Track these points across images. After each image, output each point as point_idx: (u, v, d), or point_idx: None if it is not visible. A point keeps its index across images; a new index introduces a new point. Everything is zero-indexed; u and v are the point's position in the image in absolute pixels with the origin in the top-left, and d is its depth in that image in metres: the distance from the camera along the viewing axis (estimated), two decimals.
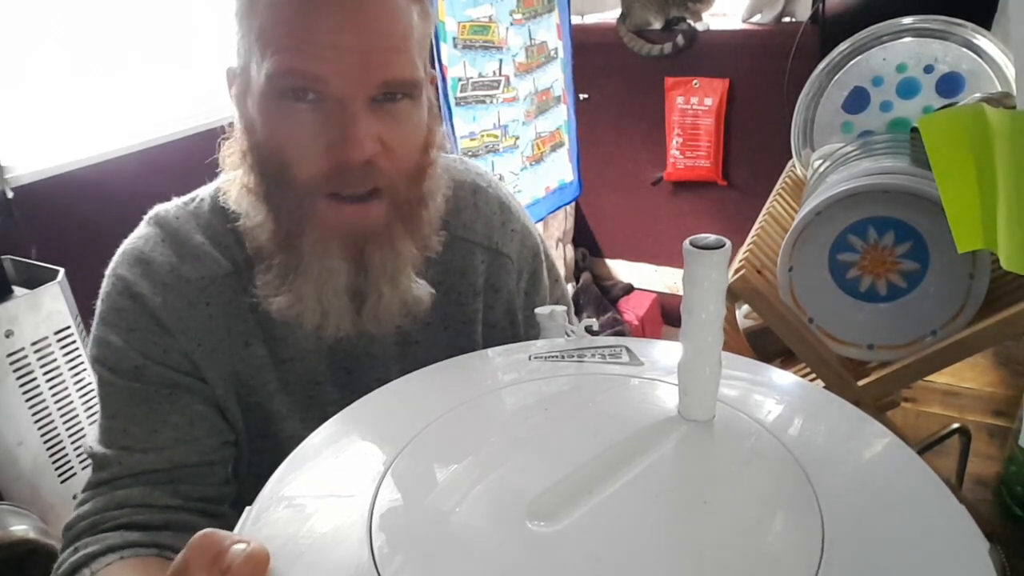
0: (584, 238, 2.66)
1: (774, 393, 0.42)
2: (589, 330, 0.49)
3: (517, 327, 0.71)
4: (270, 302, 0.56)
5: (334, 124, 0.52)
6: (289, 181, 0.54)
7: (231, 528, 0.57)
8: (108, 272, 0.60)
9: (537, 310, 0.53)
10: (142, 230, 0.61)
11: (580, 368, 0.45)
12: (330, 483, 0.37)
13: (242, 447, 0.63)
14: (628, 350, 0.46)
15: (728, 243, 0.35)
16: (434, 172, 0.60)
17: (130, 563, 0.52)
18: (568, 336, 0.50)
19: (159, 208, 0.62)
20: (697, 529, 0.31)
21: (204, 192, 0.63)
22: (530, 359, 0.47)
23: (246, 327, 0.60)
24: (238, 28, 0.54)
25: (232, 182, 0.59)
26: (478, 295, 0.67)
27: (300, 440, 0.62)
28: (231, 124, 0.60)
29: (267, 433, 0.62)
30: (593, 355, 0.46)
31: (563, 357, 0.46)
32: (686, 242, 0.35)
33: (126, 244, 0.61)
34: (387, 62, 0.52)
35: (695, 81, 2.22)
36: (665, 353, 0.46)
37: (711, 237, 0.35)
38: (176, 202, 0.63)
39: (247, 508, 0.35)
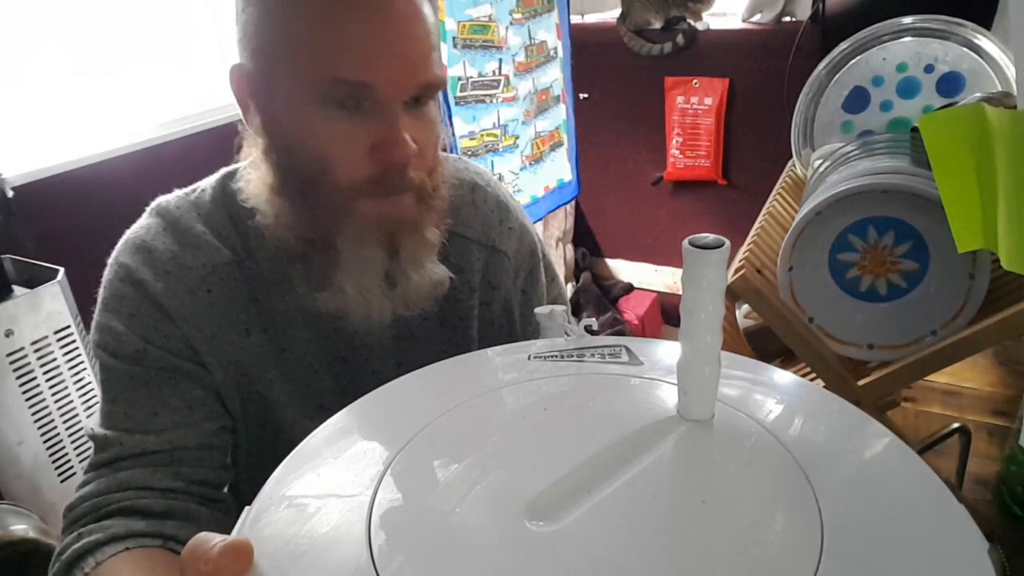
0: (584, 238, 2.66)
1: (774, 393, 0.42)
2: (589, 330, 0.49)
3: (514, 324, 0.72)
4: (315, 298, 0.58)
5: (378, 128, 0.53)
6: (327, 183, 0.54)
7: (231, 512, 0.57)
8: (110, 260, 0.61)
9: (537, 310, 0.54)
10: (144, 220, 0.62)
11: (580, 368, 0.45)
12: (329, 483, 0.37)
13: (241, 436, 0.64)
14: (628, 350, 0.46)
15: (727, 242, 0.35)
16: (441, 162, 0.62)
17: (135, 555, 0.52)
18: (567, 336, 0.50)
19: (161, 199, 0.63)
20: (695, 529, 0.31)
21: (205, 183, 0.64)
22: (530, 359, 0.47)
23: (247, 316, 0.61)
24: (253, 32, 0.54)
25: (251, 180, 0.59)
26: (475, 292, 0.68)
27: (299, 428, 0.63)
28: (241, 123, 0.59)
29: (267, 422, 0.63)
30: (593, 355, 0.46)
31: (563, 357, 0.46)
32: (685, 241, 0.35)
33: (128, 233, 0.62)
34: (426, 64, 0.53)
35: (695, 81, 2.22)
36: (665, 353, 0.46)
37: (710, 236, 0.35)
38: (177, 193, 0.64)
39: (246, 508, 0.35)
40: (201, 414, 0.59)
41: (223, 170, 0.64)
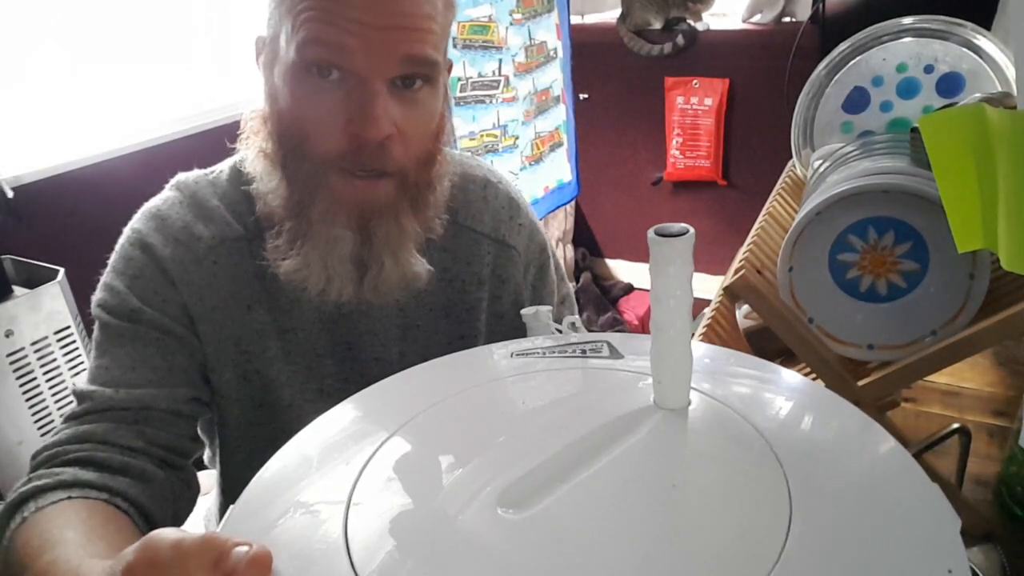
0: (584, 238, 2.66)
1: (750, 382, 0.43)
2: (574, 327, 0.49)
3: None
4: (278, 264, 0.59)
5: (355, 101, 0.54)
6: (306, 152, 0.56)
7: (190, 480, 0.57)
8: (126, 228, 0.63)
9: (523, 311, 0.54)
10: (164, 193, 0.64)
11: (561, 363, 0.45)
12: (310, 479, 0.37)
13: (238, 418, 0.64)
14: (609, 345, 0.47)
15: (692, 230, 0.35)
16: (443, 158, 0.62)
17: (75, 505, 0.51)
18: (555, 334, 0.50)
19: (181, 175, 0.66)
20: (664, 513, 0.32)
21: (224, 165, 0.66)
22: (512, 356, 0.47)
23: (251, 292, 0.62)
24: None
25: (252, 146, 0.62)
26: (483, 285, 0.69)
27: (296, 410, 0.63)
28: (239, 126, 0.62)
29: (264, 402, 0.63)
30: (574, 351, 0.46)
31: (544, 353, 0.46)
32: (650, 231, 0.36)
33: (147, 204, 0.64)
34: (409, 39, 0.54)
35: (695, 81, 2.22)
36: (646, 346, 0.46)
37: (675, 225, 0.35)
38: (197, 172, 0.66)
39: (230, 507, 0.35)
40: (179, 379, 0.59)
41: (241, 154, 0.66)
